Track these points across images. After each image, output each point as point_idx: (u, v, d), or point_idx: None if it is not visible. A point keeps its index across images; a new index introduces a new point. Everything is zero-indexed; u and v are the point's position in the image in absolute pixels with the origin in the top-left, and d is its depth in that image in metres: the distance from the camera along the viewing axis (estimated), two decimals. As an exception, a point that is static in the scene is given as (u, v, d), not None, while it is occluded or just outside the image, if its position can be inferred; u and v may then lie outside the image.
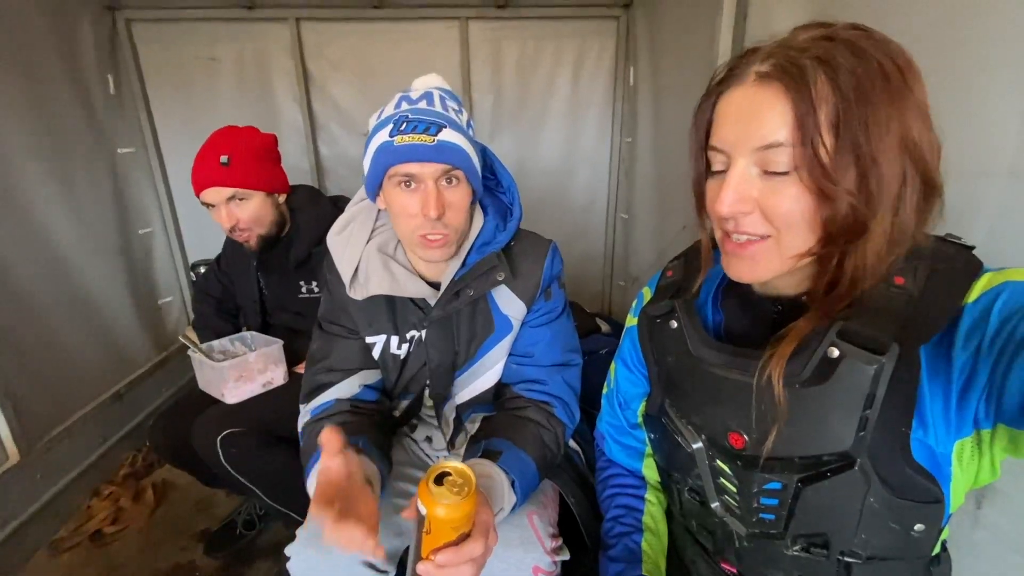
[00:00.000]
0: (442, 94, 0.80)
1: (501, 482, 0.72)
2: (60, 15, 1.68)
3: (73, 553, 1.45)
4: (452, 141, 0.75)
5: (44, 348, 1.53)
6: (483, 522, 0.60)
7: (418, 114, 0.75)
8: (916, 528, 0.51)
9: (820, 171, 0.46)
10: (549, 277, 0.91)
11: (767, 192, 0.49)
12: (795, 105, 0.46)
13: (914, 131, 0.45)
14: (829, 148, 0.45)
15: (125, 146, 2.00)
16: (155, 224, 2.17)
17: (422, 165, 0.75)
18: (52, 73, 1.65)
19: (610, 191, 2.40)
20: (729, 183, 0.50)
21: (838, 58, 0.45)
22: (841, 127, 0.45)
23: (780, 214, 0.49)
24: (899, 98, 0.45)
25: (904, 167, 0.46)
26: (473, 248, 0.86)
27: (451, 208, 0.78)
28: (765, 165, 0.49)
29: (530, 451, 0.80)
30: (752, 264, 0.53)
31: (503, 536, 0.76)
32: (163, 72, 2.08)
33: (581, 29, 2.16)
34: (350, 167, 2.31)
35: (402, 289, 0.86)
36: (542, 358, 0.90)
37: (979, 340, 0.45)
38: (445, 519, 0.54)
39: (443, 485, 0.56)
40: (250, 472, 1.16)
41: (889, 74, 0.44)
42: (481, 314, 0.89)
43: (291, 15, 2.04)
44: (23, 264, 1.48)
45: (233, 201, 1.23)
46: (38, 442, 1.47)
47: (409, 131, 0.74)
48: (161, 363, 2.07)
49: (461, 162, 0.77)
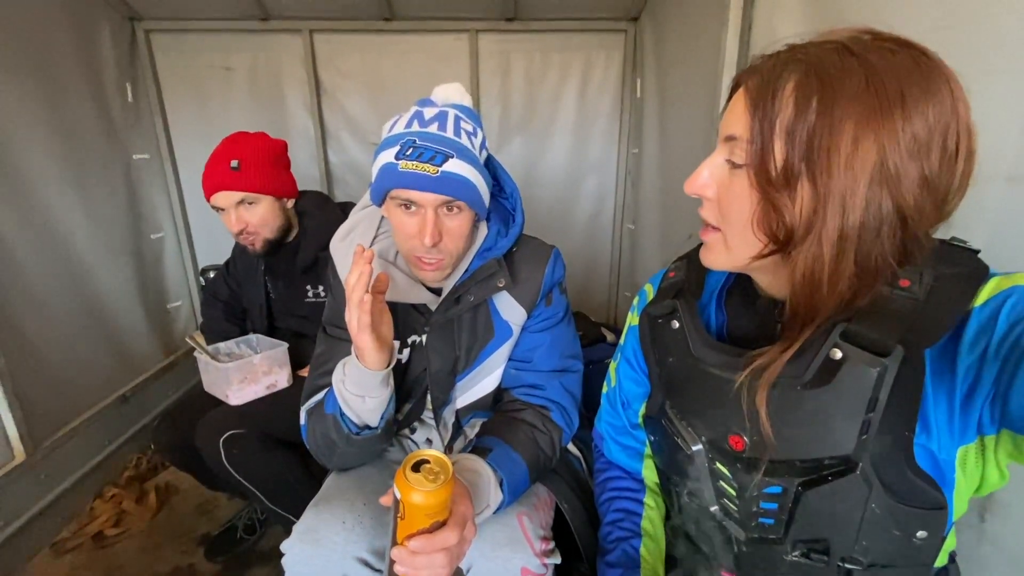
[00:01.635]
0: (458, 114, 0.79)
1: (488, 479, 0.72)
2: (82, 26, 1.74)
3: (75, 554, 1.45)
4: (457, 172, 0.74)
5: (54, 349, 1.55)
6: (460, 513, 0.60)
7: (426, 140, 0.74)
8: (918, 535, 0.50)
9: (763, 173, 0.46)
10: (550, 283, 0.91)
11: (727, 183, 0.51)
12: (752, 103, 0.46)
13: (892, 160, 0.43)
14: (778, 153, 0.45)
15: (140, 152, 2.05)
16: (167, 229, 2.21)
17: (423, 194, 0.74)
18: (73, 81, 1.70)
19: (617, 201, 2.41)
20: (702, 166, 0.53)
21: (819, 66, 0.44)
22: (791, 134, 0.44)
23: (727, 208, 0.51)
24: (876, 120, 0.42)
25: (873, 195, 0.44)
26: (476, 255, 0.87)
27: (448, 235, 0.79)
28: (729, 154, 0.50)
29: (521, 451, 0.80)
30: (707, 251, 0.57)
31: (491, 535, 0.76)
32: (179, 81, 2.14)
33: (589, 42, 2.19)
34: (359, 175, 2.34)
35: (403, 295, 0.86)
36: (541, 363, 0.90)
37: (985, 344, 0.44)
38: (419, 505, 0.55)
39: (420, 472, 0.56)
40: (251, 474, 1.17)
41: (873, 93, 0.42)
42: (481, 320, 0.90)
43: (304, 27, 2.09)
44: (38, 266, 1.51)
45: (242, 205, 1.25)
46: (44, 442, 1.48)
47: (414, 158, 0.73)
48: (168, 367, 2.09)
49: (464, 194, 0.76)
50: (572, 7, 2.05)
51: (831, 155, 0.43)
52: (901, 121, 0.42)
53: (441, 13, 2.07)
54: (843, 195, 0.44)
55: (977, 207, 0.48)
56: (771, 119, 0.45)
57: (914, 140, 0.43)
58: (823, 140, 0.43)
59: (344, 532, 0.78)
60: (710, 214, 0.54)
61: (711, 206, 0.53)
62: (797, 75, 0.45)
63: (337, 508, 0.82)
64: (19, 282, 1.44)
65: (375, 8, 2.00)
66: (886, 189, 0.44)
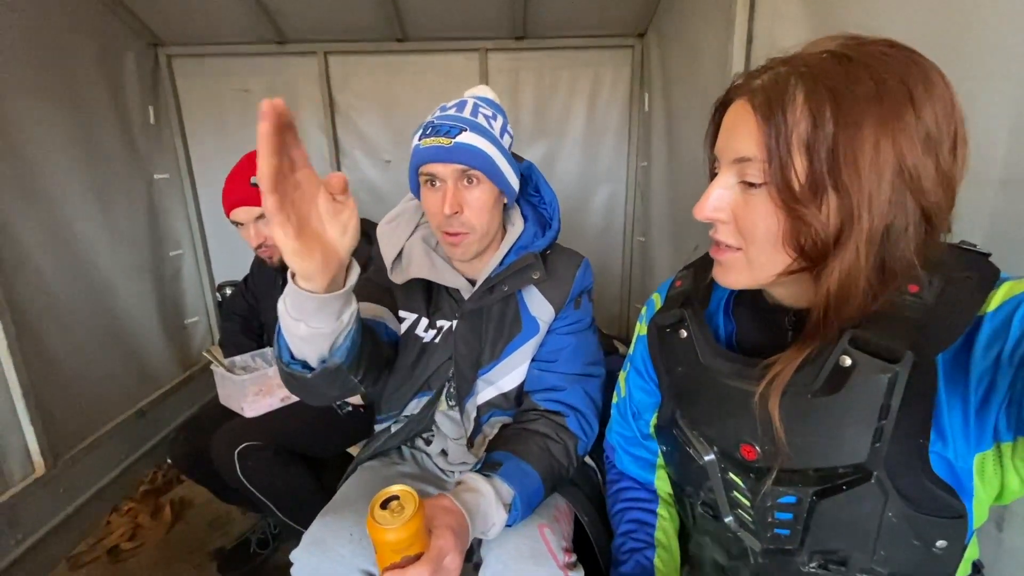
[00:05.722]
0: (477, 101, 0.85)
1: (489, 499, 0.71)
2: (108, 53, 1.81)
3: (90, 568, 1.46)
4: (470, 143, 0.80)
5: (75, 364, 1.58)
6: (438, 547, 0.58)
7: (443, 119, 0.82)
8: (938, 544, 0.49)
9: (787, 190, 0.46)
10: (580, 287, 0.94)
11: (742, 204, 0.50)
12: (762, 122, 0.46)
13: (910, 158, 0.43)
14: (800, 168, 0.45)
15: (161, 172, 2.11)
16: (185, 246, 2.26)
17: (442, 165, 0.80)
18: (99, 105, 1.77)
19: (627, 214, 2.42)
20: (710, 189, 0.52)
21: (824, 75, 0.44)
22: (811, 147, 0.44)
23: (748, 228, 0.50)
24: (892, 121, 0.42)
25: (898, 196, 0.44)
26: (512, 250, 0.91)
27: (469, 207, 0.82)
28: (742, 175, 0.50)
29: (534, 463, 0.79)
30: (725, 272, 0.55)
31: (514, 547, 0.75)
32: (199, 103, 2.21)
33: (597, 58, 2.23)
34: (372, 192, 2.38)
35: (440, 276, 0.90)
36: (564, 366, 0.91)
37: (999, 350, 0.44)
38: (383, 542, 0.56)
39: (387, 509, 0.57)
40: (265, 486, 1.18)
41: (883, 95, 0.42)
42: (511, 313, 0.92)
43: (319, 49, 2.15)
44: (62, 283, 1.55)
45: (261, 220, 1.28)
46: (63, 456, 1.51)
47: (431, 134, 0.81)
48: (184, 382, 2.12)
49: (478, 162, 0.81)
50: (580, 25, 2.09)
51: (857, 163, 0.43)
52: (913, 120, 0.43)
53: (452, 33, 2.12)
54: (870, 200, 0.44)
55: (971, 211, 0.48)
56: (786, 136, 0.45)
57: (927, 136, 0.43)
58: (846, 149, 0.43)
59: (351, 544, 0.79)
60: (728, 236, 0.53)
61: (727, 229, 0.52)
62: (804, 88, 0.44)
63: (345, 520, 0.83)
64: (43, 299, 1.48)
65: (388, 29, 2.06)
66: (908, 188, 0.44)
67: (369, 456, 1.00)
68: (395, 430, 0.99)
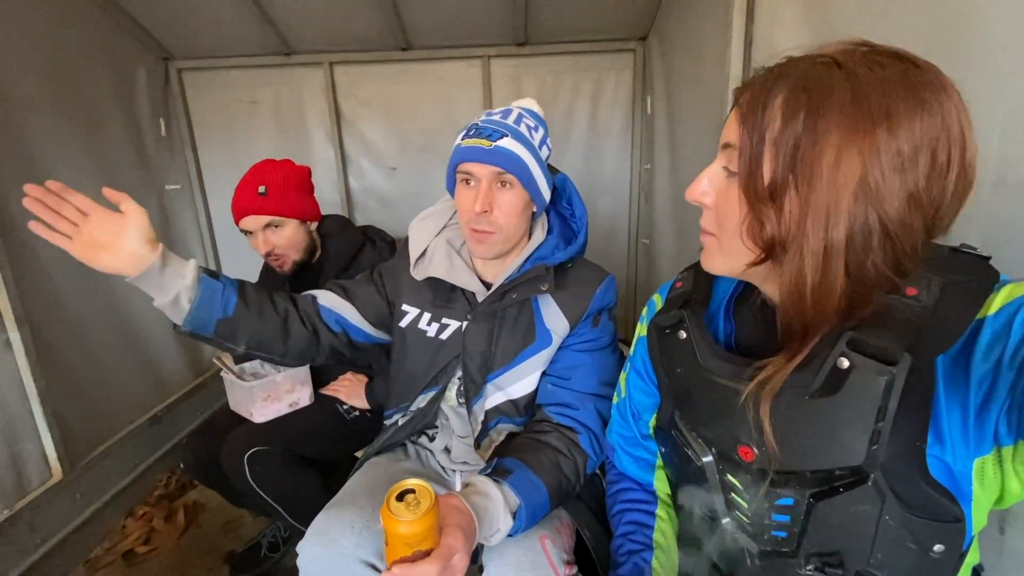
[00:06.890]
0: (522, 111, 0.90)
1: (498, 503, 0.72)
2: (120, 67, 1.86)
3: (107, 571, 1.49)
4: (509, 148, 0.83)
5: (90, 372, 1.62)
6: (447, 545, 0.60)
7: (487, 123, 0.87)
8: (935, 549, 0.49)
9: (751, 185, 0.47)
10: (599, 305, 0.93)
11: (723, 191, 0.52)
12: (742, 115, 0.48)
13: (874, 175, 0.42)
14: (767, 166, 0.46)
15: (173, 183, 2.15)
16: (196, 255, 2.30)
17: (479, 166, 0.84)
18: (111, 118, 1.81)
19: (631, 217, 2.42)
20: (702, 174, 0.54)
21: (807, 79, 0.45)
22: (778, 146, 0.45)
23: (722, 216, 0.52)
24: (860, 134, 0.42)
25: (859, 208, 0.44)
26: (529, 259, 0.93)
27: (499, 208, 0.86)
28: (727, 161, 0.51)
29: (543, 475, 0.79)
30: (704, 256, 0.58)
31: (514, 558, 0.76)
32: (209, 115, 2.26)
33: (599, 63, 2.24)
34: (378, 199, 2.41)
35: (457, 277, 0.93)
36: (579, 384, 0.91)
37: (1000, 353, 0.43)
38: (396, 534, 0.56)
39: (403, 502, 0.57)
40: (274, 490, 1.19)
41: (859, 106, 0.42)
42: (525, 322, 0.93)
43: (325, 59, 2.19)
44: (77, 293, 1.59)
45: (269, 228, 1.31)
46: (80, 462, 1.54)
47: (474, 135, 0.86)
48: (196, 388, 2.16)
49: (514, 168, 0.84)
50: (581, 29, 2.10)
51: (814, 168, 0.44)
52: (885, 136, 0.42)
53: (454, 41, 2.14)
54: (827, 208, 0.44)
55: (964, 214, 0.48)
56: (760, 131, 0.46)
57: (898, 155, 0.43)
58: (807, 153, 0.44)
59: (354, 536, 0.81)
60: (708, 222, 0.55)
61: (709, 214, 0.55)
62: (786, 89, 0.45)
63: (349, 512, 0.84)
64: (59, 309, 1.52)
65: (392, 39, 2.09)
66: (869, 203, 0.44)
67: (376, 450, 1.03)
68: (402, 423, 1.01)
